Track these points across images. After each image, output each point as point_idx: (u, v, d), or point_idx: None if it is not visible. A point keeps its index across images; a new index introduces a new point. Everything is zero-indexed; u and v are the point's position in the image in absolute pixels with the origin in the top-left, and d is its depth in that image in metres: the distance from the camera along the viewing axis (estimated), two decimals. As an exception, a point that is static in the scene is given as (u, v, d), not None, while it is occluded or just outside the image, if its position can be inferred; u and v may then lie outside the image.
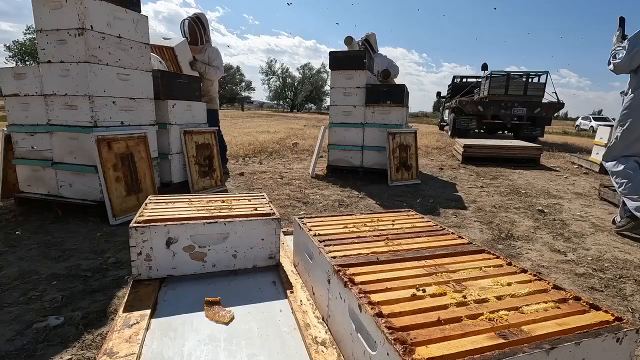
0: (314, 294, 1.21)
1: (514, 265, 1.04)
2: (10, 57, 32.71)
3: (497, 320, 0.75)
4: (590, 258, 2.10)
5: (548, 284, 0.93)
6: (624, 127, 2.51)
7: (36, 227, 2.30)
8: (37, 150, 2.55)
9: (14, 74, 2.53)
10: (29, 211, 2.57)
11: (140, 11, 2.63)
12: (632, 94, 2.48)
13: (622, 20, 2.65)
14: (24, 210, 2.59)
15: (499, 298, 0.85)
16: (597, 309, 0.81)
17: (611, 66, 2.53)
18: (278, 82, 47.79)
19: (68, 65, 2.30)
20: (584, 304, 0.84)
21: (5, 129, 2.70)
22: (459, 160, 6.02)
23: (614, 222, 2.71)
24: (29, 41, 31.74)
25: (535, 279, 0.96)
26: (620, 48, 2.45)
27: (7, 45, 33.90)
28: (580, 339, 0.69)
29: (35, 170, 2.60)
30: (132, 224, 1.26)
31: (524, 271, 1.01)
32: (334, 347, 0.98)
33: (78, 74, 2.28)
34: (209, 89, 3.93)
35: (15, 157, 2.65)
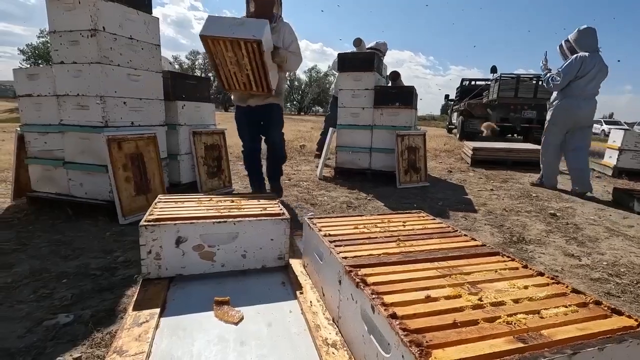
0: (324, 295, 1.20)
1: (530, 268, 1.02)
2: (24, 60, 33.40)
3: (515, 323, 0.73)
4: (605, 263, 2.05)
5: (566, 287, 0.90)
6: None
7: (47, 226, 2.33)
8: (49, 150, 2.58)
9: (28, 75, 2.57)
10: (41, 210, 2.59)
11: (151, 13, 2.65)
12: (558, 102, 3.76)
13: (545, 53, 4.03)
14: (36, 209, 2.62)
15: (516, 301, 0.82)
16: (620, 313, 0.78)
17: (550, 85, 3.74)
18: (286, 85, 48.01)
19: (80, 65, 2.33)
20: (605, 308, 0.81)
21: (19, 129, 2.74)
22: (467, 163, 5.96)
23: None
24: (42, 44, 32.38)
25: (553, 282, 0.93)
26: (555, 75, 3.66)
27: (21, 49, 34.64)
28: (603, 345, 0.66)
29: (47, 169, 2.63)
30: (142, 222, 1.26)
31: (541, 274, 0.98)
32: (345, 349, 0.96)
33: (90, 75, 2.31)
34: (282, 82, 2.86)
35: (28, 157, 2.69)
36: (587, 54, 3.50)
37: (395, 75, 5.21)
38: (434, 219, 1.52)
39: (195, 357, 0.93)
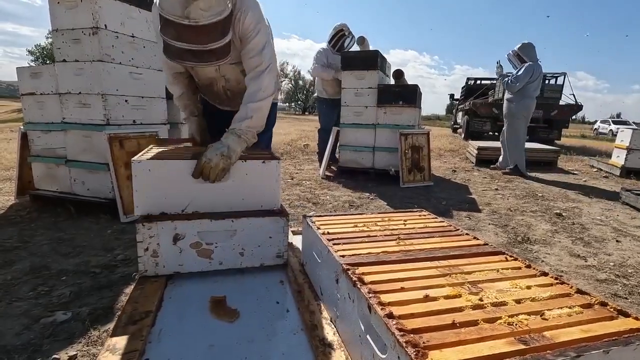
0: (322, 294, 1.18)
1: (534, 268, 0.99)
2: (32, 60, 33.80)
3: (516, 324, 0.70)
4: (612, 264, 2.01)
5: (571, 287, 0.87)
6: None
7: (49, 223, 2.33)
8: (51, 148, 2.59)
9: (31, 73, 2.58)
10: (43, 208, 2.60)
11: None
12: (518, 102, 4.55)
13: (499, 61, 4.90)
14: (38, 207, 2.63)
15: (518, 301, 0.80)
16: (627, 315, 0.75)
17: (509, 88, 4.59)
18: (290, 85, 48.02)
19: (82, 64, 2.33)
20: (611, 309, 0.78)
21: (22, 127, 2.75)
22: (472, 162, 5.90)
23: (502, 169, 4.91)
24: (51, 45, 32.73)
25: (557, 283, 0.90)
26: (514, 78, 4.50)
27: (29, 49, 35.01)
28: (609, 347, 0.63)
29: (49, 167, 2.64)
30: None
31: (545, 274, 0.95)
32: (341, 349, 0.94)
33: (92, 73, 2.31)
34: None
35: (31, 155, 2.70)
36: (532, 62, 4.45)
37: (399, 74, 5.16)
38: (436, 218, 1.49)
39: (190, 356, 0.92)
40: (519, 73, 4.45)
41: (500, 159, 5.05)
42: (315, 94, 4.81)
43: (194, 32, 1.13)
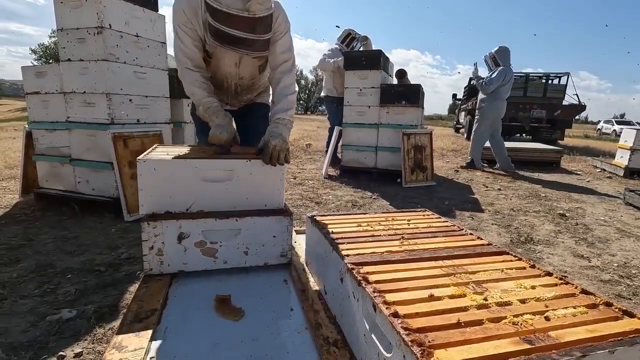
0: (326, 293, 1.18)
1: (538, 268, 0.99)
2: (35, 59, 33.90)
3: (521, 324, 0.70)
4: (616, 264, 2.00)
5: (575, 288, 0.87)
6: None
7: (54, 222, 2.35)
8: (56, 147, 2.60)
9: (36, 73, 2.59)
10: (48, 206, 2.62)
11: (157, 10, 2.66)
12: (489, 104, 4.90)
13: (476, 64, 5.15)
14: (43, 205, 2.65)
15: (522, 301, 0.80)
16: (632, 315, 0.75)
17: (482, 89, 4.88)
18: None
19: (87, 63, 2.34)
20: (616, 310, 0.78)
21: (27, 126, 2.77)
22: (475, 162, 5.88)
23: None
24: (54, 44, 32.83)
25: (562, 283, 0.91)
26: (488, 80, 4.80)
27: (33, 48, 35.14)
28: (614, 347, 0.63)
29: (53, 166, 2.65)
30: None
31: (549, 274, 0.95)
32: (346, 348, 0.94)
33: (96, 72, 2.32)
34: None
35: (35, 154, 2.71)
36: (505, 67, 4.76)
37: (402, 74, 5.15)
38: (439, 218, 1.49)
39: (195, 354, 0.92)
40: (493, 76, 4.76)
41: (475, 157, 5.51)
42: (324, 93, 4.84)
43: (253, 24, 1.30)
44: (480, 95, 5.06)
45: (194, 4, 1.38)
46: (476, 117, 5.17)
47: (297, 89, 1.59)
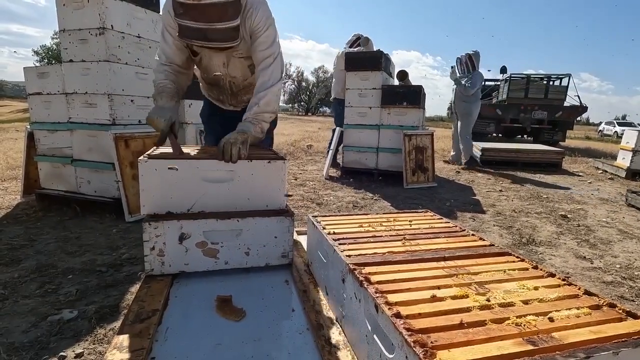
0: (327, 294, 1.18)
1: (541, 269, 0.98)
2: (37, 61, 34.01)
3: (524, 325, 0.70)
4: (618, 266, 1.99)
5: (578, 289, 0.87)
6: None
7: (55, 222, 2.35)
8: (58, 147, 2.61)
9: (38, 73, 2.60)
10: (49, 207, 2.62)
11: (158, 11, 2.66)
12: (471, 105, 5.25)
13: (452, 67, 5.40)
14: (44, 206, 2.65)
15: (525, 302, 0.79)
16: (635, 317, 0.75)
17: (466, 91, 5.11)
18: (293, 86, 48.06)
19: (89, 64, 2.35)
20: (620, 311, 0.77)
21: (29, 127, 2.78)
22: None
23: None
24: (56, 45, 32.94)
25: (565, 284, 0.90)
26: (471, 83, 5.08)
27: (35, 50, 35.24)
28: (618, 349, 0.63)
29: (55, 167, 2.66)
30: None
31: (552, 275, 0.95)
32: (347, 349, 0.94)
33: (98, 73, 2.33)
34: None
35: (37, 154, 2.72)
36: (480, 71, 5.17)
37: (403, 75, 5.15)
38: (441, 219, 1.48)
39: (196, 354, 0.92)
40: (475, 79, 5.14)
41: (453, 153, 5.90)
42: (333, 95, 4.90)
43: (202, 10, 1.24)
44: (462, 97, 5.28)
45: (169, 6, 1.37)
46: (460, 119, 5.40)
47: (279, 76, 1.52)
